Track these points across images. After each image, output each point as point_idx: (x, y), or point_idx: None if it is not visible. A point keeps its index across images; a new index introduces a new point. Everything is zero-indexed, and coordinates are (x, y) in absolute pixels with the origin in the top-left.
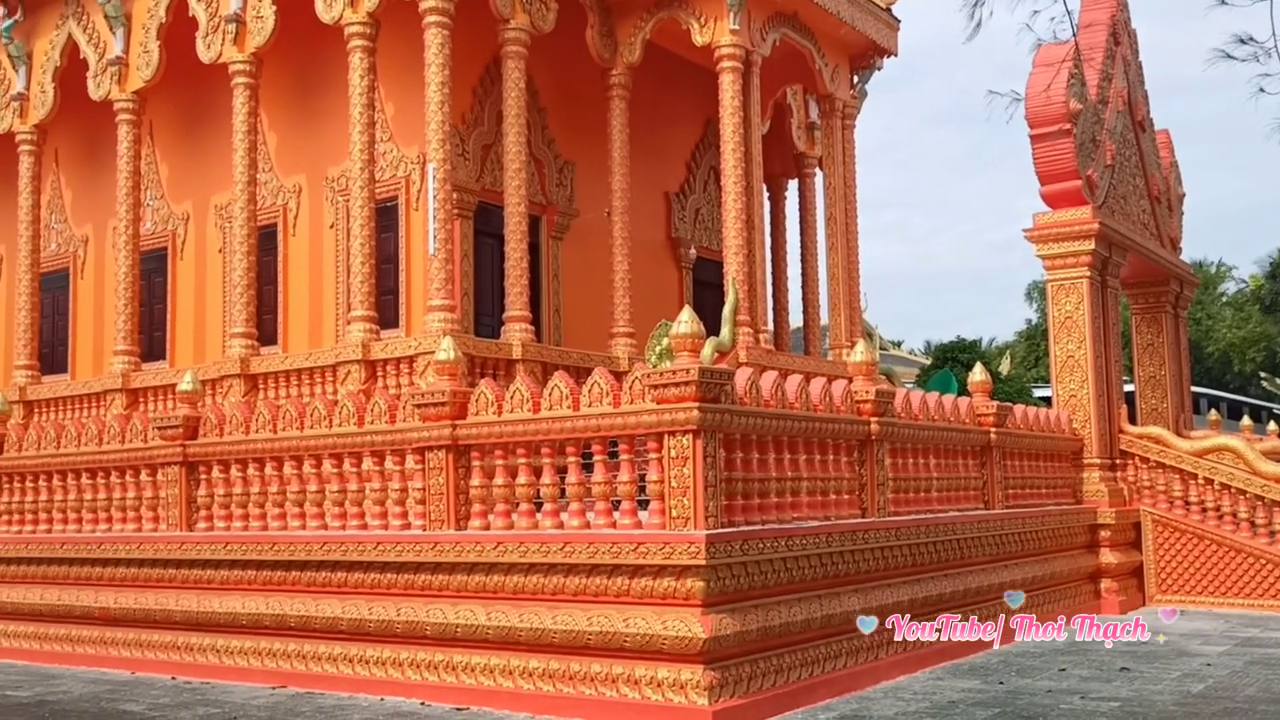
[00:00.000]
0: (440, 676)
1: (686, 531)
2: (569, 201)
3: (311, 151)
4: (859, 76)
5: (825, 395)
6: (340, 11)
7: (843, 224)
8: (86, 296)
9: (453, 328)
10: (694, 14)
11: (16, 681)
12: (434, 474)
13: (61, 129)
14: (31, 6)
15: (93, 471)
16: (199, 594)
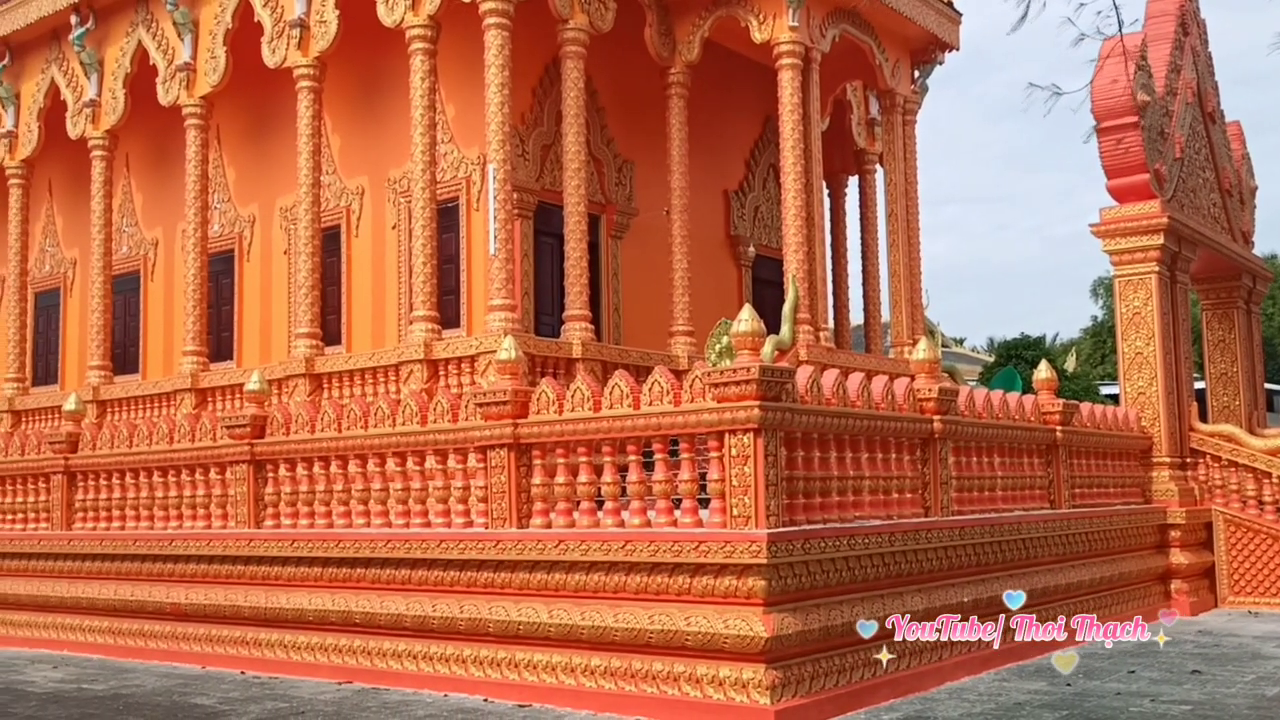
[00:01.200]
0: (503, 674)
1: (748, 530)
2: (628, 200)
3: (374, 153)
4: (920, 71)
5: (887, 393)
6: (401, 15)
7: (904, 220)
8: (156, 298)
9: (513, 327)
10: (753, 11)
11: (93, 675)
12: (496, 472)
13: (132, 134)
14: (103, 15)
15: (164, 470)
16: (267, 590)
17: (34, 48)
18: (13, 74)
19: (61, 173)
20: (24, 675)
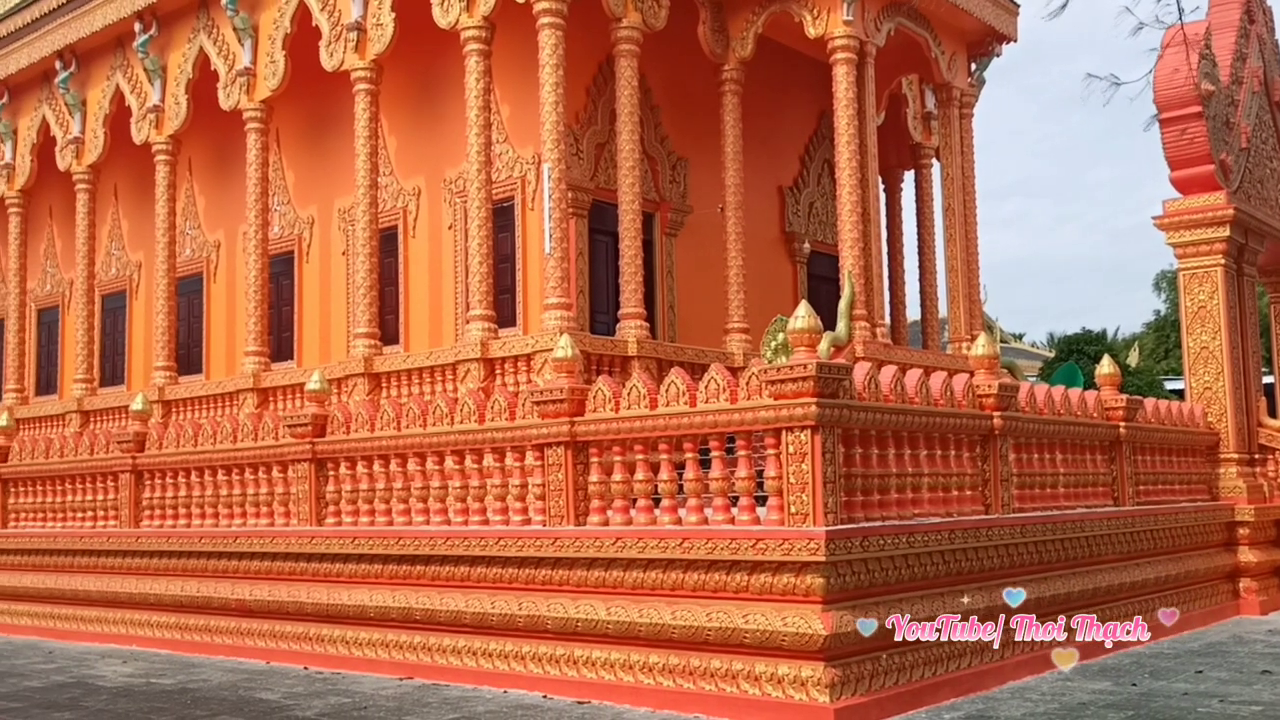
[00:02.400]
0: (561, 670)
1: (805, 528)
2: (682, 198)
3: (430, 154)
4: (977, 64)
5: (946, 390)
6: (456, 16)
7: (961, 215)
8: (219, 299)
9: (569, 325)
10: (807, 6)
11: (161, 669)
12: (553, 470)
13: (194, 139)
14: (165, 22)
15: (227, 468)
16: (329, 587)
17: (99, 55)
18: (79, 81)
19: (126, 177)
20: (95, 669)
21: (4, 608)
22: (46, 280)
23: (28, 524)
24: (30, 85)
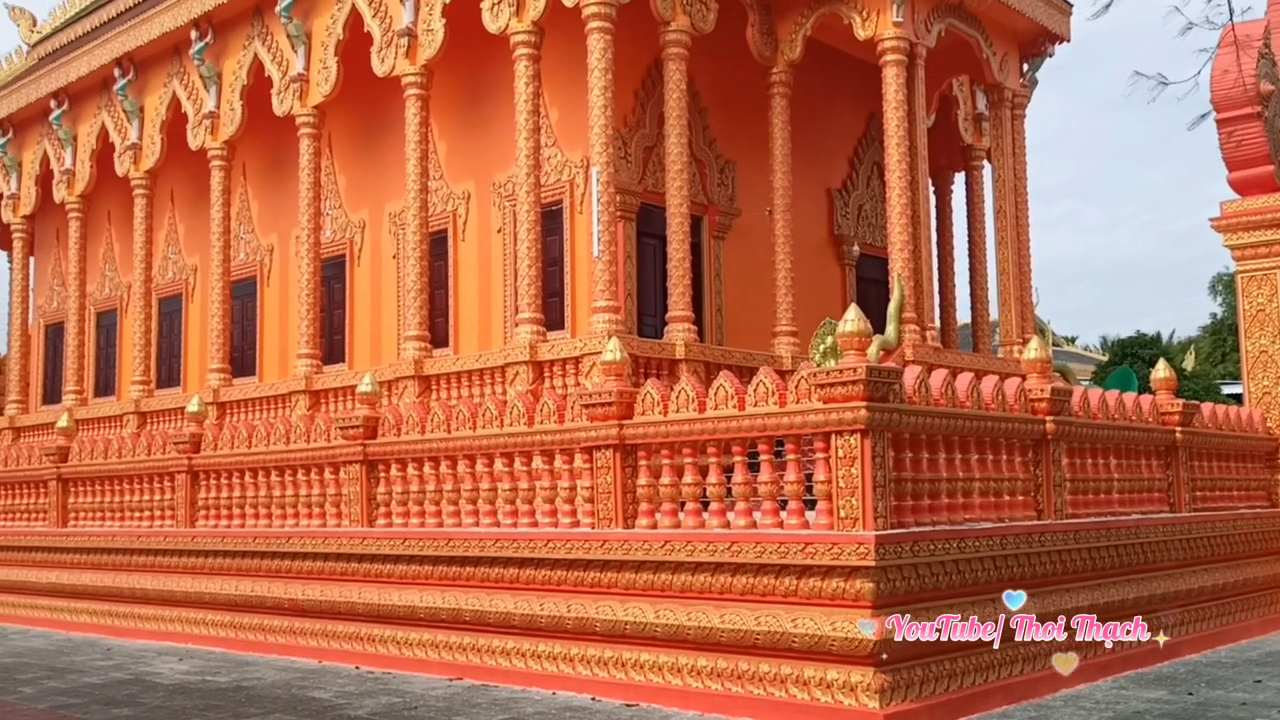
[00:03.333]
0: (610, 673)
1: (855, 532)
2: (730, 201)
3: (479, 158)
4: (1029, 64)
5: (997, 393)
6: (506, 21)
7: (1013, 217)
8: (272, 303)
9: (617, 328)
10: (856, 8)
11: (215, 668)
12: (602, 473)
13: (248, 144)
14: (221, 30)
15: (280, 469)
16: (380, 587)
17: (157, 62)
18: (137, 88)
19: (183, 183)
20: (152, 667)
21: (64, 605)
22: (105, 284)
23: (87, 523)
24: (90, 93)
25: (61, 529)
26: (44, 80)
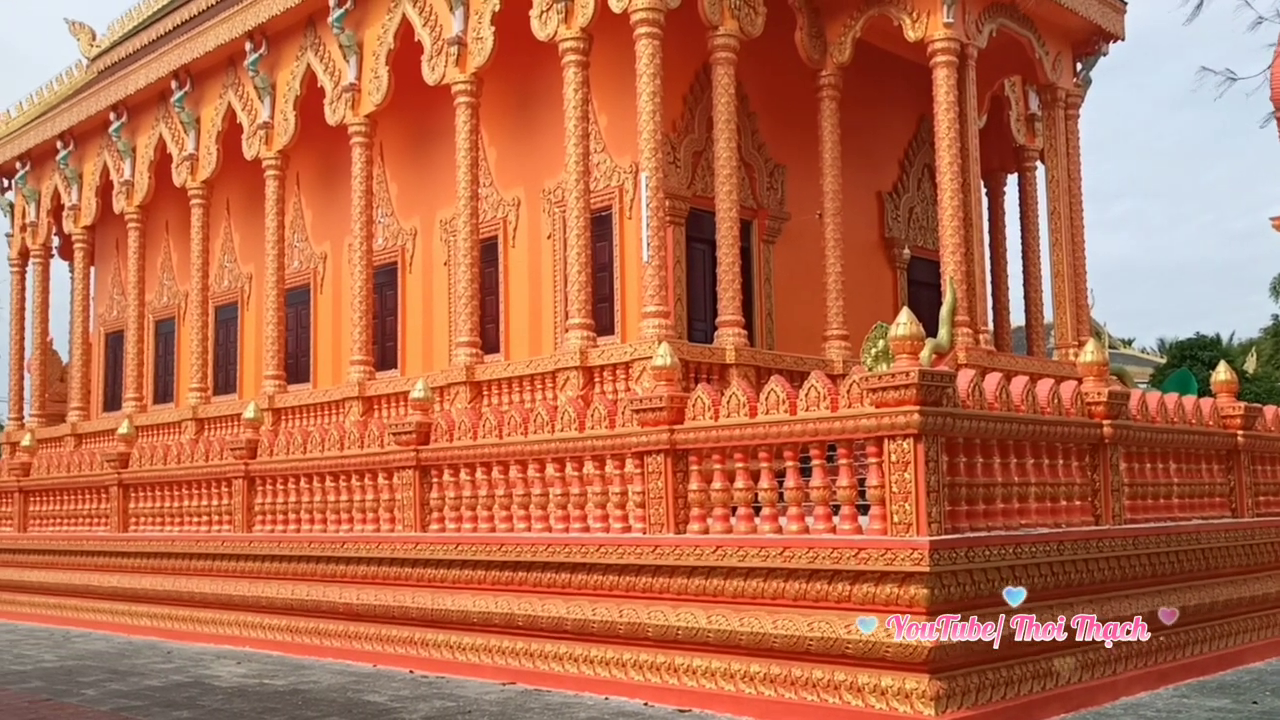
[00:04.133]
0: (662, 678)
1: (909, 538)
2: (780, 205)
3: (529, 165)
4: (1082, 63)
5: (1053, 397)
6: (555, 28)
7: (1067, 218)
8: (325, 310)
9: (667, 333)
10: (906, 9)
11: (273, 671)
12: (653, 478)
13: (301, 153)
14: (274, 41)
15: (335, 475)
16: (433, 592)
17: (212, 74)
18: (193, 100)
19: (238, 192)
20: (210, 670)
21: (125, 609)
22: (163, 292)
23: (147, 528)
24: (148, 105)
25: (122, 533)
26: (103, 93)
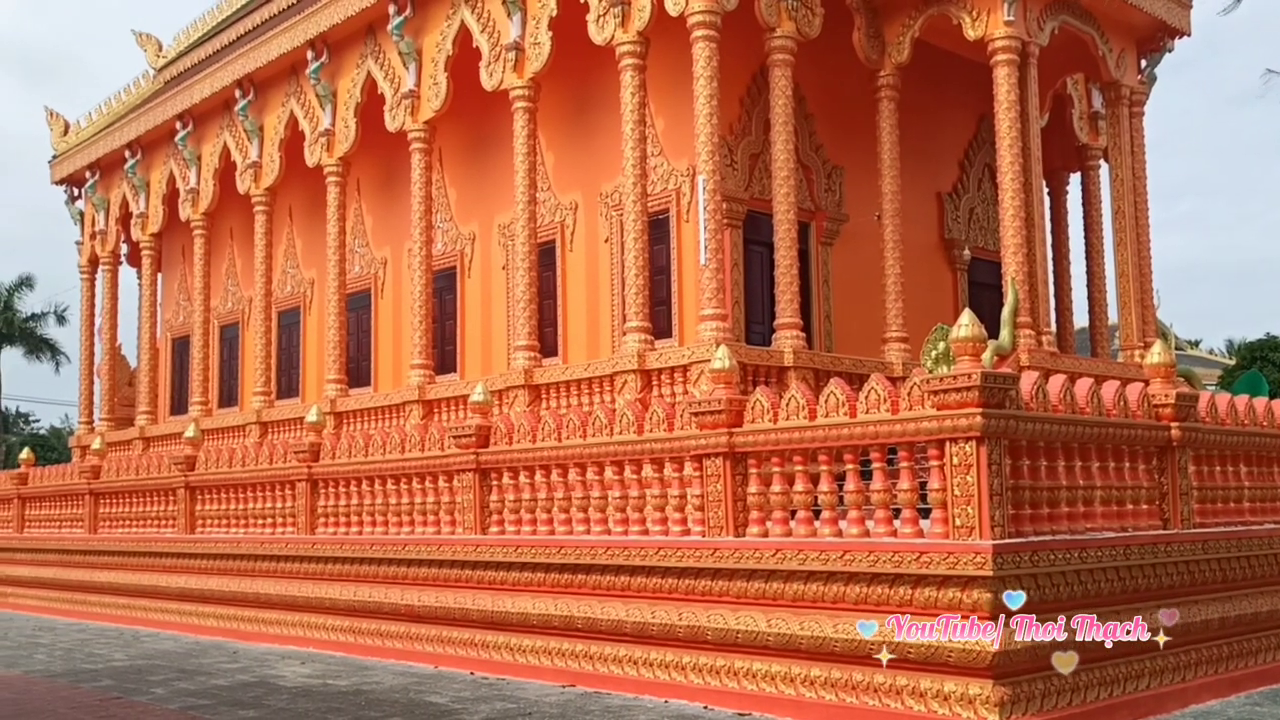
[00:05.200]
0: (722, 681)
1: (972, 541)
2: (838, 206)
3: (586, 169)
4: (1147, 60)
5: (1119, 399)
6: (611, 32)
7: (1132, 217)
8: (386, 314)
9: (724, 336)
10: (965, 8)
11: (336, 671)
12: (711, 481)
13: (362, 160)
14: (335, 49)
15: (396, 478)
16: (493, 594)
17: (274, 83)
18: (256, 108)
19: (300, 199)
20: (275, 670)
21: (192, 609)
22: (228, 298)
23: (213, 530)
24: (212, 114)
25: (189, 535)
26: (169, 103)
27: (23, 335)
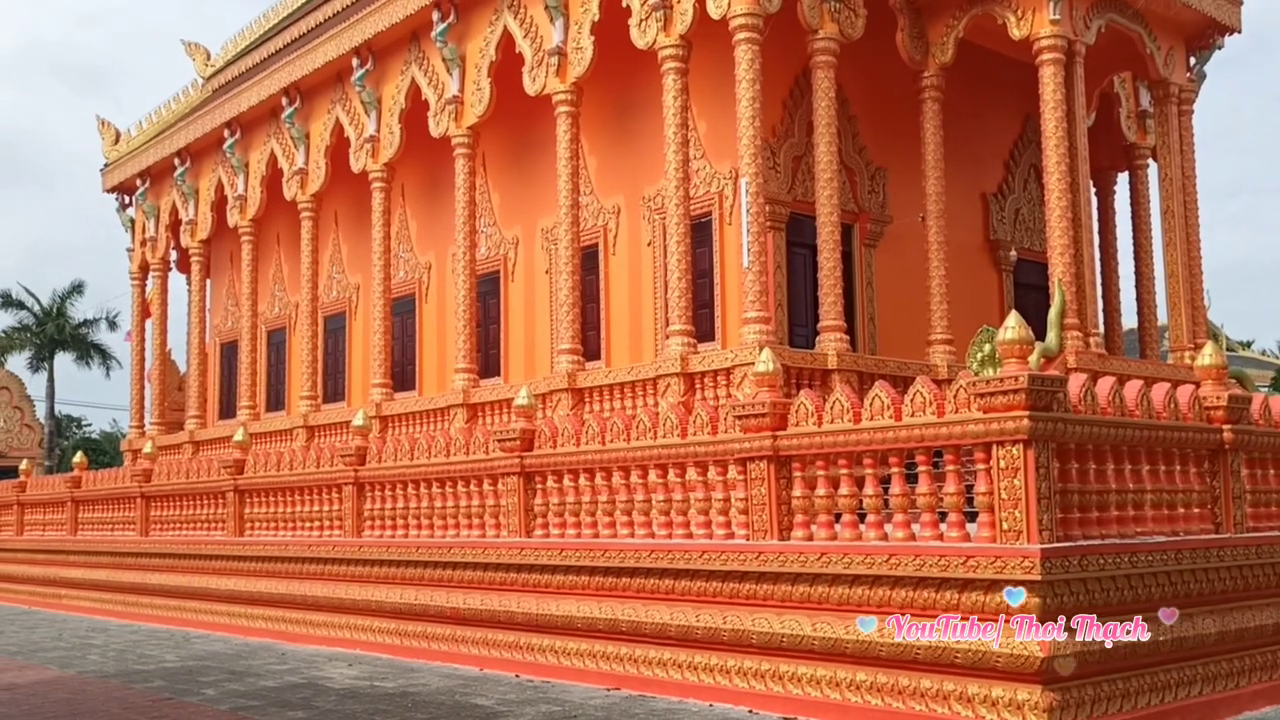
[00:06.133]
0: (767, 685)
1: (1019, 545)
2: (882, 208)
3: (628, 173)
4: (1196, 57)
5: (1169, 401)
6: (654, 36)
7: (1181, 216)
8: (430, 319)
9: (767, 339)
10: (1010, 7)
11: (383, 673)
12: (755, 484)
13: (406, 165)
14: (380, 56)
15: (441, 481)
16: (538, 597)
17: (320, 91)
18: (303, 116)
19: (345, 205)
20: (323, 671)
21: (241, 611)
22: (275, 303)
23: (261, 533)
24: (260, 121)
25: (238, 538)
26: (218, 111)
27: (74, 341)
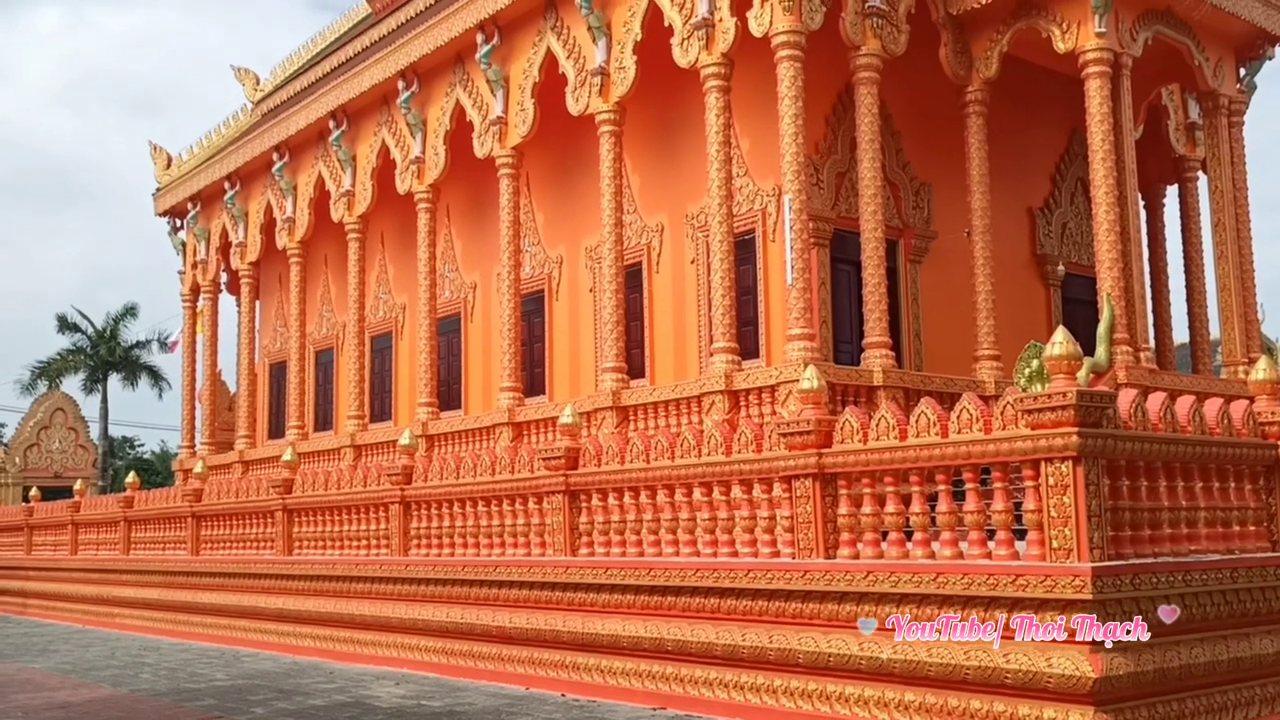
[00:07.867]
0: (814, 705)
1: (1069, 564)
2: (926, 224)
3: (672, 191)
4: (1246, 68)
5: (1222, 417)
6: (696, 55)
7: (1233, 229)
8: (475, 338)
9: (812, 356)
10: (1055, 20)
11: (429, 692)
12: (801, 502)
13: (451, 186)
14: (425, 79)
15: (487, 500)
16: (583, 616)
17: (366, 113)
18: (349, 139)
19: (391, 226)
20: (370, 690)
21: (290, 630)
22: (323, 324)
23: (309, 551)
24: (307, 144)
25: (287, 557)
26: (266, 135)
27: (127, 363)
